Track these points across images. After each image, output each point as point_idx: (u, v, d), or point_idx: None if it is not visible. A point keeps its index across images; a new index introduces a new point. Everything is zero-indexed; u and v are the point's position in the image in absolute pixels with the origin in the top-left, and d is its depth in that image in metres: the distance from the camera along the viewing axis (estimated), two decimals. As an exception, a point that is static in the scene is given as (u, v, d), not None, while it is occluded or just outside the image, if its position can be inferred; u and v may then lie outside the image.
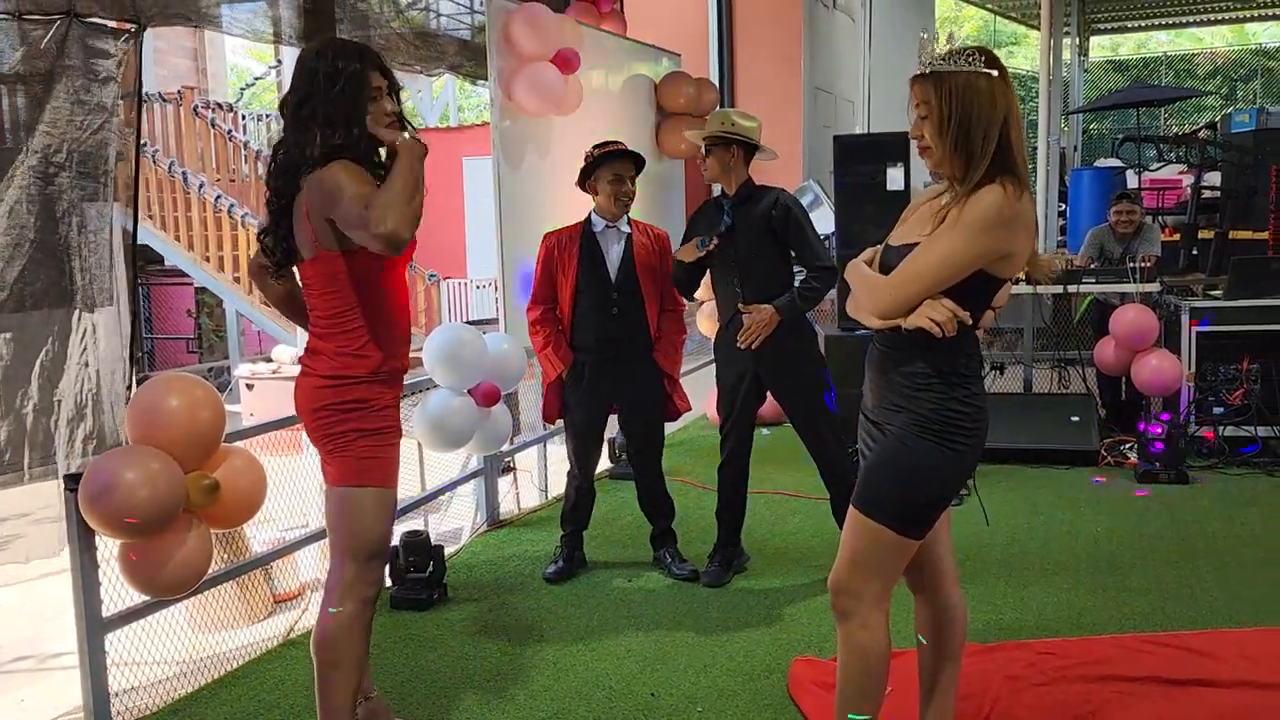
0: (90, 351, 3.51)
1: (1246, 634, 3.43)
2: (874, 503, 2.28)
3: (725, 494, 4.17)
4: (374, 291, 2.61)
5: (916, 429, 2.25)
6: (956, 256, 2.17)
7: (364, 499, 2.61)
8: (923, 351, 2.24)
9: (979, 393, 2.30)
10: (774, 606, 3.84)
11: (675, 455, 6.34)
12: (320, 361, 2.62)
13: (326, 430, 2.60)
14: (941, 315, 2.18)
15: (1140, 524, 4.69)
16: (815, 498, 5.15)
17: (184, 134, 10.07)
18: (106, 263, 3.68)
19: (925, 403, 2.25)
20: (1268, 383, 5.70)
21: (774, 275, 4.00)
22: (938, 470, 2.26)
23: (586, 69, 5.48)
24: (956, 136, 2.18)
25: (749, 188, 4.01)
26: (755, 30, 10.51)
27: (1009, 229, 2.16)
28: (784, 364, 3.99)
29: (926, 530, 2.30)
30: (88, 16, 3.46)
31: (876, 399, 2.37)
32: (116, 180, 3.62)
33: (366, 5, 5.76)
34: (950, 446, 2.25)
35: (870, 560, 2.29)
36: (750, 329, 3.92)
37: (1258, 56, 24.07)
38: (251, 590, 4.37)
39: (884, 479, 2.28)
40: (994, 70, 2.17)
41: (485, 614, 3.87)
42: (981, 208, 2.15)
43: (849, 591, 2.32)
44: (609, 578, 4.25)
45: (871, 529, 2.27)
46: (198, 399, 3.02)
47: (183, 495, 2.93)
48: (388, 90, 2.58)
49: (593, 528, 4.85)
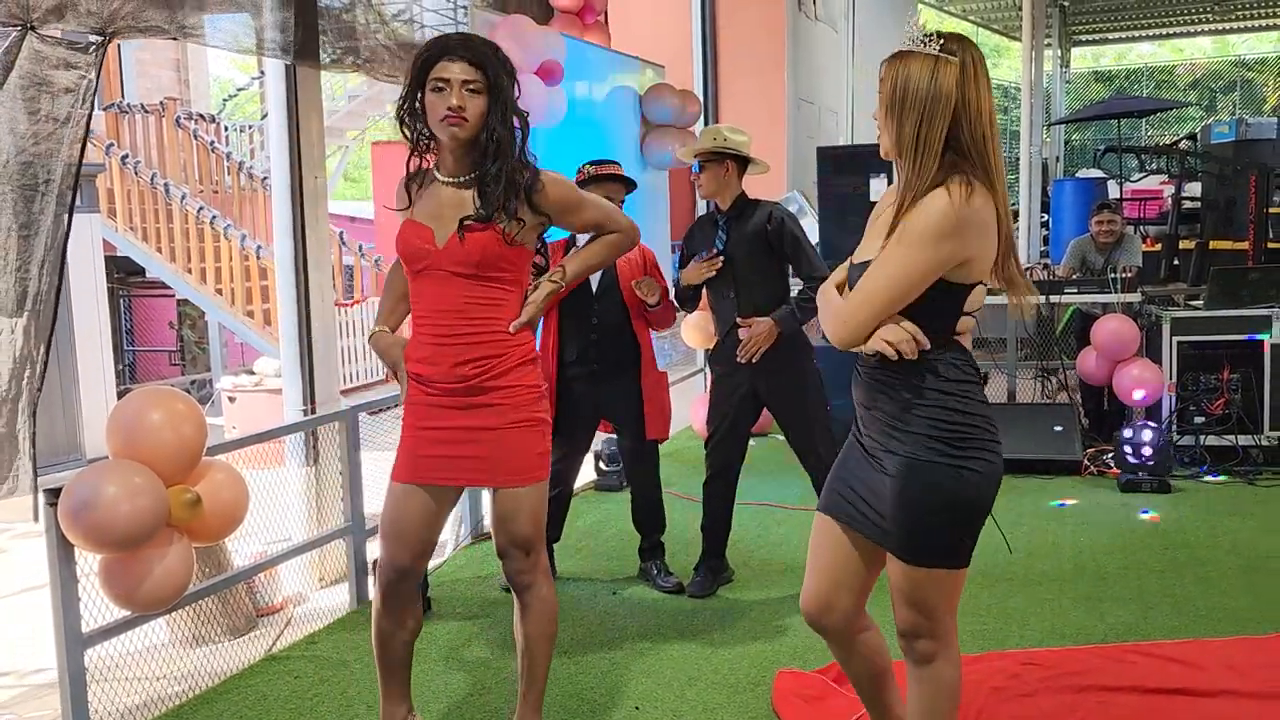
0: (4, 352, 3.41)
1: (1228, 643, 3.44)
2: (922, 553, 2.16)
3: (712, 508, 4.16)
4: (413, 297, 2.65)
5: (923, 452, 2.12)
6: (908, 273, 2.07)
7: (388, 491, 2.70)
8: (904, 371, 2.14)
9: (978, 399, 2.17)
10: (759, 619, 3.84)
11: (661, 467, 6.32)
12: None
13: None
14: (897, 337, 2.09)
15: (1123, 534, 4.71)
16: (801, 509, 5.16)
17: (166, 145, 10.02)
18: (33, 268, 3.58)
19: (923, 423, 2.13)
20: (1248, 392, 5.74)
21: (771, 288, 4.00)
22: (965, 497, 2.13)
23: (571, 81, 5.48)
24: (897, 119, 2.09)
25: (743, 202, 4.02)
26: (739, 42, 10.54)
27: (959, 236, 2.04)
28: (782, 378, 3.99)
29: (971, 551, 2.21)
30: (46, 27, 3.43)
31: (870, 428, 2.25)
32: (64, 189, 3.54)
33: (351, 16, 5.76)
34: (968, 466, 2.12)
35: (938, 602, 2.21)
36: (750, 342, 3.91)
37: (1237, 68, 24.33)
38: (233, 605, 4.34)
39: (922, 527, 2.15)
40: (951, 56, 2.05)
41: (468, 627, 3.86)
42: (925, 219, 2.04)
43: (929, 634, 2.22)
44: (593, 590, 4.24)
45: (930, 577, 2.18)
46: (179, 412, 3.01)
47: (165, 510, 2.91)
48: (467, 85, 2.45)
49: (577, 540, 4.85)
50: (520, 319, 2.59)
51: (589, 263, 2.76)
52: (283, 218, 4.83)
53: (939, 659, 2.24)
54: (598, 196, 2.81)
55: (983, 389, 2.23)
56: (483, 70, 2.47)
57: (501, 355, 2.56)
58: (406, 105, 2.54)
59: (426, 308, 2.60)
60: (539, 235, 2.65)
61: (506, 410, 2.58)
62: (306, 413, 4.84)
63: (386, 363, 2.71)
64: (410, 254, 2.59)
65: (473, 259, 2.51)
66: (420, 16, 6.39)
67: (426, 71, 2.48)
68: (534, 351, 2.66)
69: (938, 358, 2.15)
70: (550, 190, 2.59)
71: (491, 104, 2.48)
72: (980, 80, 2.09)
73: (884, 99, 2.12)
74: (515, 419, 2.59)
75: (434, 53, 2.49)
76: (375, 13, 5.89)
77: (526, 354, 2.62)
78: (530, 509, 2.64)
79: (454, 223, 2.52)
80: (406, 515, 2.64)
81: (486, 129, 2.49)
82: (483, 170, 2.51)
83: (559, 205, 2.62)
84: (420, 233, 2.57)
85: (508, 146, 2.51)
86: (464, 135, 2.48)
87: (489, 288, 2.55)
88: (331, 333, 5.08)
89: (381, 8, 5.92)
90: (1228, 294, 5.86)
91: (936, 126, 2.05)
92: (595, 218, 2.72)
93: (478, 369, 2.55)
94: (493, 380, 2.56)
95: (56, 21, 3.42)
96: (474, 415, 2.57)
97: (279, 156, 4.80)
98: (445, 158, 2.57)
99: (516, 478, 2.61)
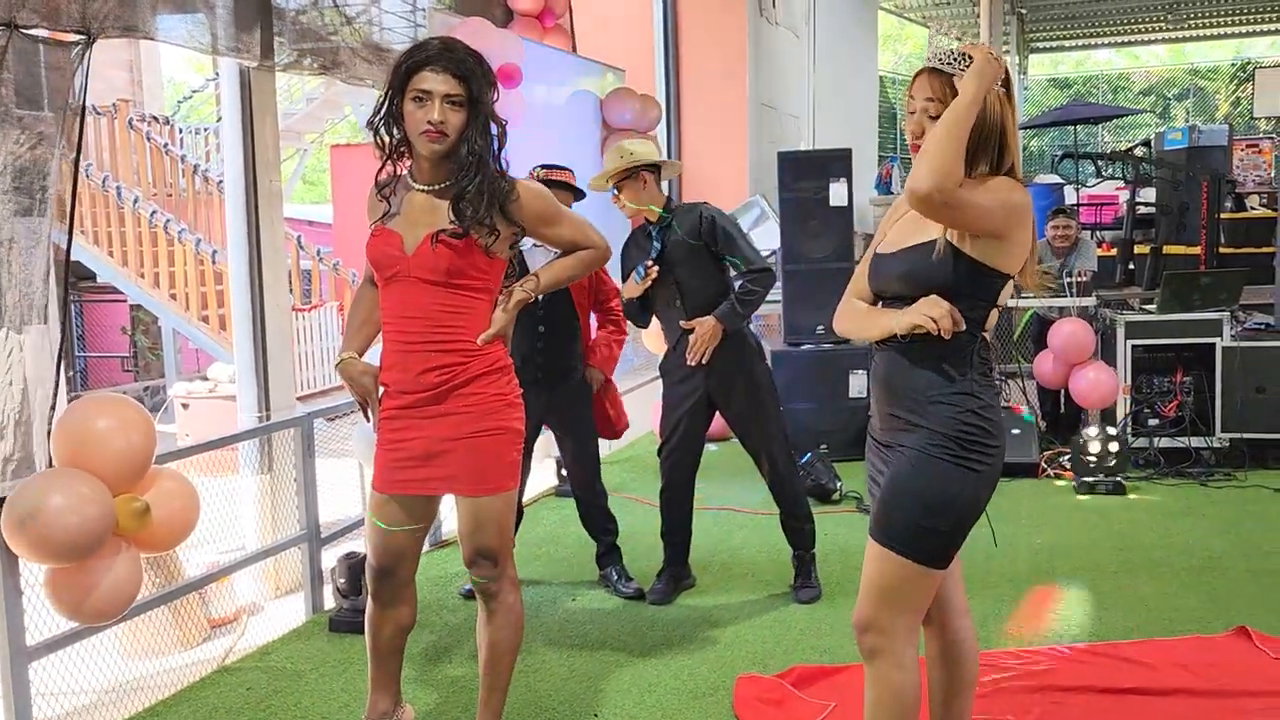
0: (15, 370, 3.40)
1: (1181, 642, 3.49)
2: (894, 535, 2.17)
3: (670, 517, 4.12)
4: (382, 304, 2.62)
5: (932, 448, 2.15)
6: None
7: (370, 494, 2.68)
8: (931, 359, 2.16)
9: (994, 405, 2.21)
10: (719, 624, 3.83)
11: (621, 472, 6.32)
12: None
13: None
14: (938, 311, 2.10)
15: (1078, 535, 4.75)
16: (761, 513, 5.16)
17: (119, 148, 9.86)
18: (37, 281, 3.58)
19: (938, 417, 2.15)
20: (1200, 395, 5.82)
21: (712, 289, 3.99)
22: (959, 495, 2.15)
23: (530, 84, 5.46)
24: (975, 140, 2.13)
25: (669, 208, 4.01)
26: (700, 46, 10.56)
27: (1017, 210, 2.13)
28: (733, 382, 3.98)
29: (951, 559, 2.22)
30: (31, 28, 3.37)
31: (884, 419, 2.26)
32: (52, 197, 3.52)
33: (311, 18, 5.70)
34: (970, 467, 2.15)
35: (898, 595, 2.19)
36: (696, 343, 3.90)
37: (1190, 75, 24.77)
38: (185, 615, 4.27)
39: (902, 508, 2.17)
40: (1001, 87, 2.16)
41: (426, 636, 3.81)
42: (996, 181, 2.14)
43: (878, 628, 2.21)
44: (553, 596, 4.21)
45: (895, 563, 2.17)
46: (128, 419, 2.94)
47: (112, 519, 2.85)
48: (449, 99, 2.42)
49: (536, 546, 4.83)
50: (490, 330, 2.57)
51: (561, 275, 2.74)
52: (237, 221, 4.77)
53: (885, 659, 2.21)
54: (574, 212, 2.80)
55: (996, 394, 2.25)
56: (466, 84, 2.45)
57: (467, 363, 2.54)
58: (384, 112, 2.50)
59: (394, 314, 2.57)
60: (513, 244, 2.62)
61: (473, 418, 2.54)
62: (261, 419, 4.78)
63: (355, 393, 2.67)
64: (380, 261, 2.57)
65: (443, 267, 2.49)
66: (380, 19, 6.34)
67: (408, 80, 2.45)
68: (504, 359, 2.63)
69: (970, 347, 2.17)
70: (526, 202, 2.57)
71: (472, 118, 2.46)
72: (1014, 100, 2.20)
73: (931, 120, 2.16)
74: (482, 427, 2.55)
75: (416, 61, 2.45)
76: (337, 14, 5.84)
77: (495, 362, 2.59)
78: (497, 519, 2.61)
79: (425, 229, 2.49)
80: (384, 521, 2.63)
81: (466, 142, 2.47)
82: (460, 186, 2.48)
83: (534, 218, 2.61)
84: (390, 239, 2.54)
85: (487, 159, 2.49)
86: (443, 150, 2.47)
87: (458, 295, 2.53)
88: (287, 338, 5.02)
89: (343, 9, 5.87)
90: (1180, 298, 5.94)
91: (990, 152, 2.16)
92: (570, 234, 2.70)
93: (443, 376, 2.52)
94: (459, 388, 2.54)
95: (39, 21, 3.38)
96: (441, 424, 2.54)
97: (233, 159, 4.74)
98: (420, 164, 2.55)
99: (483, 487, 2.57)
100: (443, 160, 2.50)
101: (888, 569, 2.20)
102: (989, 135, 2.15)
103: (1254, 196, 12.39)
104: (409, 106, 2.45)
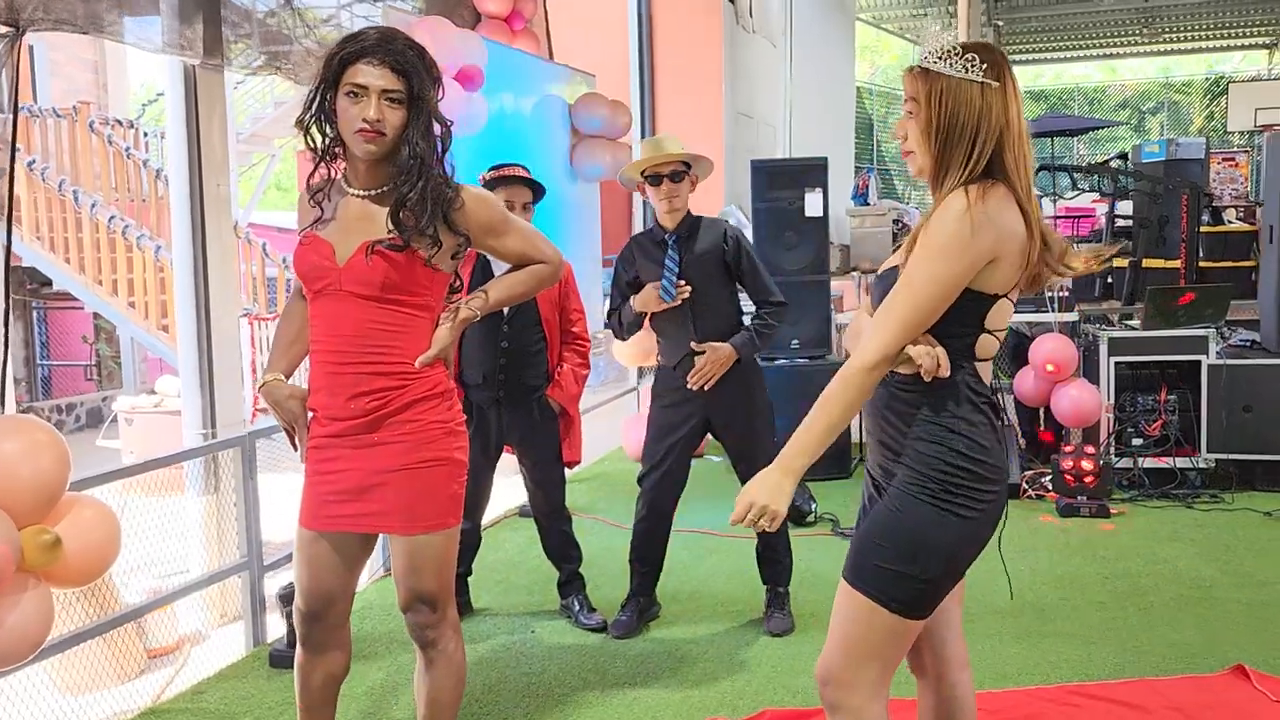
0: None
1: (1176, 682, 3.30)
2: (866, 576, 1.95)
3: (645, 546, 3.86)
4: (311, 319, 2.36)
5: (912, 487, 1.93)
6: (934, 285, 1.88)
7: (296, 534, 2.41)
8: (915, 391, 1.95)
9: (988, 444, 1.95)
10: (687, 660, 3.61)
11: (587, 491, 6.10)
12: None
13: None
14: (921, 355, 1.90)
15: (1062, 562, 4.56)
16: (732, 535, 4.95)
17: (79, 151, 9.57)
18: None
19: (919, 455, 1.94)
20: (1185, 413, 5.66)
21: (725, 311, 3.76)
22: (939, 541, 1.91)
23: (496, 88, 5.24)
24: (941, 146, 1.93)
25: (691, 219, 3.76)
26: (676, 54, 10.41)
27: (982, 236, 1.87)
28: (737, 405, 3.74)
29: (931, 610, 1.98)
30: None
31: (874, 452, 2.07)
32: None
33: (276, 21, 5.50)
34: (955, 512, 1.91)
35: (864, 644, 1.96)
36: (705, 369, 3.64)
37: (1165, 89, 24.90)
38: (122, 646, 4.00)
39: (877, 548, 1.95)
40: (995, 81, 1.91)
41: (376, 671, 3.57)
42: (944, 222, 1.88)
43: (839, 681, 1.98)
44: (510, 627, 3.98)
45: (865, 607, 1.95)
46: (37, 443, 2.68)
47: (18, 553, 2.60)
48: (387, 95, 2.19)
49: (497, 571, 4.59)
50: (429, 351, 2.31)
51: (512, 291, 2.49)
52: (182, 227, 4.54)
53: (844, 713, 1.98)
54: (525, 222, 2.55)
55: (994, 421, 2.00)
56: (406, 79, 2.21)
57: (404, 387, 2.29)
58: (315, 108, 2.26)
59: (324, 332, 2.32)
60: (456, 256, 2.37)
61: (410, 448, 2.29)
62: (207, 437, 4.53)
63: (280, 419, 2.40)
64: (308, 272, 2.31)
65: (378, 280, 2.24)
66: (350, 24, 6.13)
67: (341, 72, 2.21)
68: (445, 383, 2.38)
69: (954, 380, 1.94)
70: (472, 209, 2.33)
71: (413, 117, 2.23)
72: (1019, 97, 1.96)
73: (923, 122, 1.95)
74: (420, 458, 2.30)
75: (351, 52, 2.21)
76: (300, 17, 5.65)
77: (435, 386, 2.34)
78: (436, 560, 2.36)
79: (359, 238, 2.25)
80: (313, 563, 2.36)
81: (406, 143, 2.23)
82: (400, 192, 2.24)
83: (480, 226, 2.36)
84: (320, 248, 2.29)
85: (430, 163, 2.25)
86: (380, 151, 2.23)
87: (395, 312, 2.28)
88: (235, 351, 4.76)
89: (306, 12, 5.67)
90: (1164, 314, 5.78)
91: (986, 152, 1.92)
92: (518, 246, 2.45)
93: (377, 401, 2.28)
94: (394, 414, 2.29)
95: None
96: (375, 455, 2.29)
97: (178, 162, 4.51)
98: (355, 167, 2.30)
99: (420, 524, 2.32)
100: (380, 163, 2.27)
101: (857, 613, 1.97)
102: (961, 136, 1.91)
103: (1231, 210, 12.37)
104: (342, 103, 2.21)
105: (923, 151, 1.97)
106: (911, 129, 1.98)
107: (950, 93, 1.92)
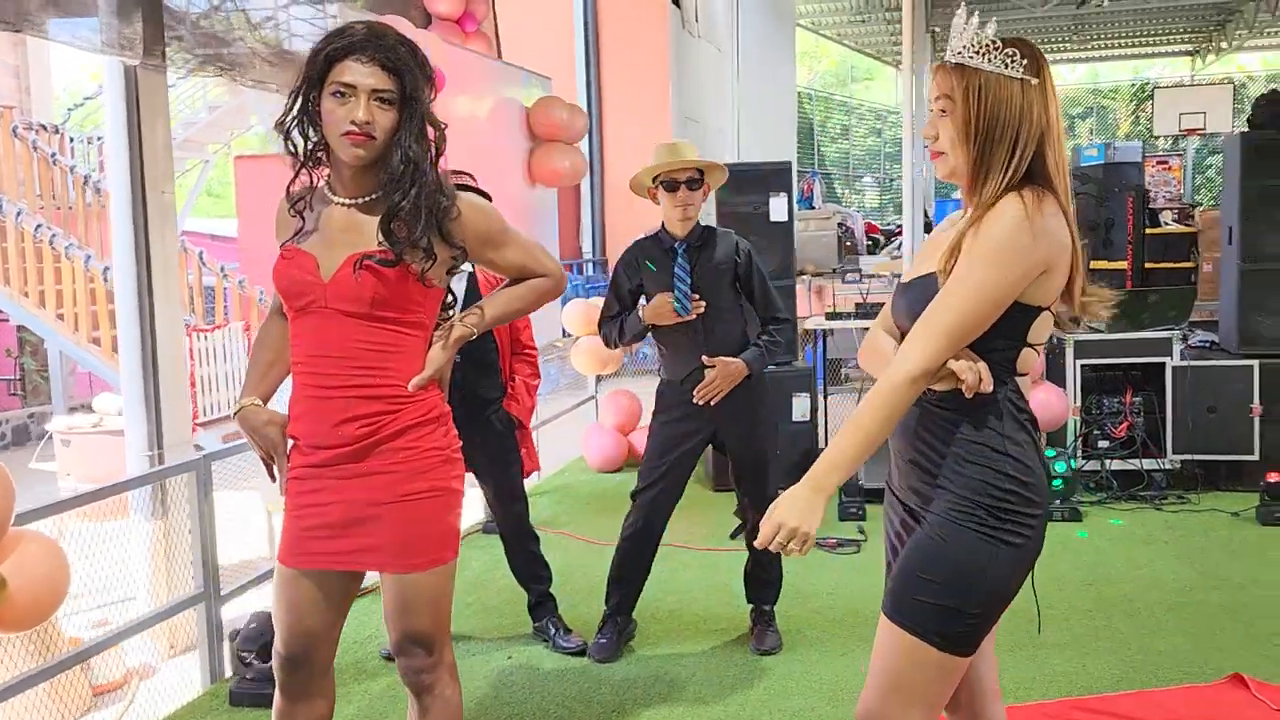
0: None
1: (1175, 693, 3.24)
2: (908, 611, 1.83)
3: (630, 563, 3.69)
4: (293, 339, 2.16)
5: (960, 514, 1.81)
6: (984, 295, 1.75)
7: (276, 572, 2.20)
8: (957, 407, 1.83)
9: (1033, 463, 1.83)
10: (675, 683, 3.45)
11: (550, 504, 5.92)
12: None
13: None
14: (966, 370, 1.78)
15: (1043, 568, 4.48)
16: (709, 549, 4.82)
17: (1, 157, 9.14)
18: None
19: (965, 479, 1.81)
20: (1150, 415, 5.66)
21: (734, 325, 3.62)
22: (988, 572, 1.79)
23: (450, 90, 5.06)
24: (981, 147, 1.80)
25: (702, 229, 3.62)
26: (622, 59, 10.31)
27: (1038, 246, 1.76)
28: (744, 420, 3.61)
29: (979, 644, 1.86)
30: None
31: (904, 474, 1.93)
32: None
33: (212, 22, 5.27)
34: (1004, 540, 1.80)
35: (909, 683, 1.84)
36: (714, 383, 3.50)
37: (1093, 95, 25.46)
38: (64, 683, 3.75)
39: (922, 581, 1.83)
40: (1034, 78, 1.80)
41: (343, 708, 3.36)
42: (1000, 228, 1.76)
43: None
44: (484, 652, 3.79)
45: (910, 645, 1.83)
46: (-22, 475, 2.46)
47: (-42, 596, 2.37)
48: (377, 95, 2.01)
49: (464, 594, 4.40)
50: (423, 374, 2.12)
51: (511, 308, 2.31)
52: (124, 237, 4.29)
53: None
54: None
55: (1037, 439, 1.88)
56: (398, 77, 2.02)
57: (396, 412, 2.09)
58: (297, 110, 2.05)
59: (308, 353, 2.11)
60: (452, 270, 2.18)
61: (403, 478, 2.09)
62: (153, 459, 4.27)
63: (258, 447, 2.18)
64: (290, 288, 2.10)
65: (367, 297, 2.04)
66: (289, 24, 5.90)
67: (327, 70, 2.01)
68: (440, 407, 2.18)
69: (996, 395, 1.82)
70: (469, 219, 2.14)
71: (405, 119, 2.04)
72: (1056, 97, 1.85)
73: (959, 121, 1.82)
74: (415, 489, 2.10)
75: (338, 48, 2.01)
76: (241, 18, 5.43)
77: (430, 410, 2.14)
78: (432, 598, 2.15)
79: (345, 251, 2.05)
80: (295, 604, 2.15)
81: (398, 147, 2.04)
82: (391, 201, 2.04)
83: (478, 238, 2.17)
84: (302, 262, 2.08)
85: (424, 169, 2.06)
86: (369, 156, 2.04)
87: (386, 331, 2.08)
88: (181, 366, 4.52)
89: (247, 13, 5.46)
90: (1128, 317, 5.78)
91: (1028, 154, 1.80)
92: (518, 259, 2.26)
93: (367, 427, 2.07)
94: (385, 442, 2.09)
95: None
96: (364, 486, 2.09)
97: (118, 168, 4.26)
98: (340, 173, 2.09)
99: (415, 561, 2.12)
100: (368, 168, 2.07)
101: (901, 651, 1.84)
102: (1002, 136, 1.79)
103: (1167, 212, 12.61)
104: (328, 103, 2.02)
105: (958, 153, 1.84)
106: (944, 128, 1.85)
107: (989, 89, 1.80)
